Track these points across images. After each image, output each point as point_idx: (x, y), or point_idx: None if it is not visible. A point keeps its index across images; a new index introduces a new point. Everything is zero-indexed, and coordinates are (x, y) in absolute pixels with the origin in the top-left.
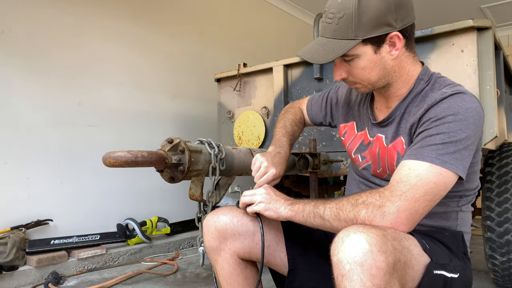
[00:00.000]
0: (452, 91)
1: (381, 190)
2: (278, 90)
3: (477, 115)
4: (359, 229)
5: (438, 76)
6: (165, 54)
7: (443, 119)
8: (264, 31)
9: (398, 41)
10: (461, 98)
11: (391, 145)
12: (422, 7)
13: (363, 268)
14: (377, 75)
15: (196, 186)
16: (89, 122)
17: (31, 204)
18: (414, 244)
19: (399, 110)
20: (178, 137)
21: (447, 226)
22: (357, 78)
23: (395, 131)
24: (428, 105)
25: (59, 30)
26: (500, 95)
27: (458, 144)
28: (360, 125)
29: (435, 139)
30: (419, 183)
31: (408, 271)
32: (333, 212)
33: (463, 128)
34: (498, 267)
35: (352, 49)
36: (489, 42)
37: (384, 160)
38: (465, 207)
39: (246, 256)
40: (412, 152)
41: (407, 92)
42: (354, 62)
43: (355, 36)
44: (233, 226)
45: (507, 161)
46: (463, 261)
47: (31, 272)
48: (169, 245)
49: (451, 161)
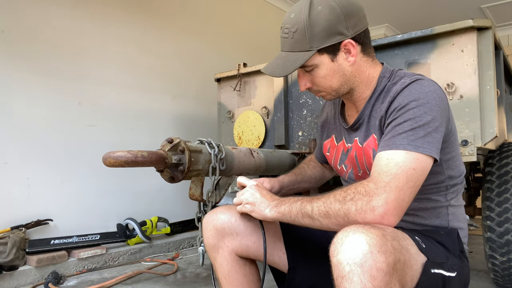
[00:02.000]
0: (410, 79)
1: (364, 183)
2: (278, 90)
3: (438, 97)
4: (359, 229)
5: (399, 70)
6: (165, 54)
7: (406, 106)
8: (264, 31)
9: (352, 48)
10: (419, 84)
11: (365, 144)
12: (422, 7)
13: (363, 269)
14: (338, 81)
15: (196, 186)
16: (89, 122)
17: (31, 204)
18: (410, 243)
19: (367, 110)
20: (178, 137)
21: (439, 224)
22: (320, 87)
23: (366, 130)
24: (391, 97)
25: (59, 30)
26: (500, 95)
27: (427, 127)
28: (338, 136)
29: (404, 126)
30: (400, 171)
31: (408, 270)
32: (321, 210)
33: (427, 111)
34: (498, 267)
35: (309, 59)
36: (489, 42)
37: (362, 161)
38: (454, 200)
39: (244, 254)
40: (385, 143)
41: (371, 92)
42: (315, 72)
43: (310, 47)
44: (230, 224)
45: (507, 161)
46: (460, 259)
47: (31, 272)
48: (169, 245)
49: (423, 145)
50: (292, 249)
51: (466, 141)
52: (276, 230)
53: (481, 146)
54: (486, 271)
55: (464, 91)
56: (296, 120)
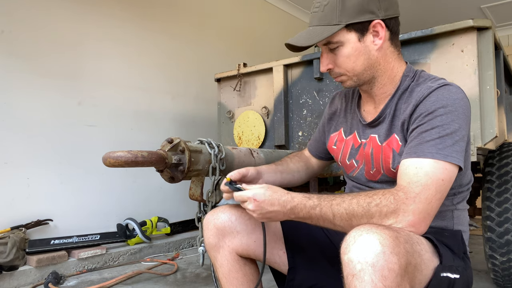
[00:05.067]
0: (437, 84)
1: (393, 191)
2: (278, 90)
3: (464, 105)
4: (372, 229)
5: (422, 71)
6: (165, 54)
7: (434, 113)
8: (264, 31)
9: (382, 30)
10: (447, 90)
11: (386, 144)
12: (422, 7)
13: (374, 269)
14: (362, 65)
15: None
16: (89, 122)
17: (31, 204)
18: (425, 249)
19: (390, 108)
20: (178, 137)
21: (444, 226)
22: (342, 68)
23: (388, 129)
24: (416, 101)
25: (59, 30)
26: (500, 95)
27: (454, 136)
28: (348, 130)
29: (431, 134)
30: (430, 182)
31: (417, 274)
32: (343, 218)
33: (455, 119)
34: (498, 267)
35: (336, 35)
36: (489, 42)
37: (378, 159)
38: (460, 205)
39: (244, 254)
40: (411, 150)
41: (394, 89)
42: (339, 51)
43: (339, 21)
44: (231, 224)
45: (507, 161)
46: (464, 261)
47: (31, 272)
48: (169, 245)
49: (452, 154)
50: (292, 249)
51: None
52: (276, 229)
53: (481, 146)
54: (486, 271)
55: (464, 91)
56: (296, 120)
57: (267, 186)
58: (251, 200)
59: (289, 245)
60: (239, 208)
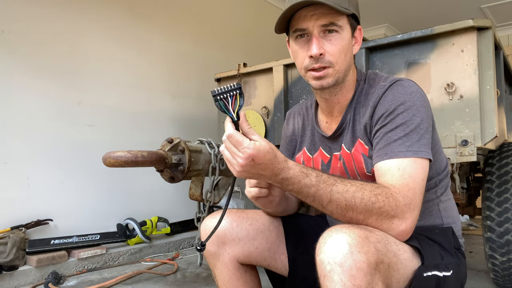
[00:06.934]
0: (389, 82)
1: (394, 194)
2: (278, 90)
3: (421, 97)
4: (342, 230)
5: (368, 72)
6: (165, 54)
7: (395, 111)
8: (264, 31)
9: (360, 37)
10: (401, 86)
11: (354, 150)
12: (422, 7)
13: (343, 269)
14: (347, 63)
15: (196, 186)
16: (89, 122)
17: (31, 204)
18: (403, 249)
19: (349, 114)
20: (178, 137)
21: (433, 222)
22: (334, 56)
23: (352, 136)
24: (374, 102)
25: (59, 30)
26: (500, 95)
27: (419, 130)
28: (313, 147)
29: (397, 132)
30: (417, 186)
31: (393, 273)
32: (340, 207)
33: (416, 114)
34: (498, 267)
35: (343, 18)
36: (489, 42)
37: (351, 167)
38: (443, 196)
39: (246, 261)
40: (381, 151)
41: (352, 96)
42: (335, 38)
43: (347, 7)
44: (232, 230)
45: (507, 161)
46: (456, 256)
47: (31, 272)
48: (169, 245)
49: (421, 149)
50: (294, 252)
51: (466, 141)
52: (279, 233)
53: (481, 146)
54: (486, 271)
55: (464, 91)
56: None
57: (270, 147)
58: (246, 157)
59: (291, 248)
60: (240, 213)
